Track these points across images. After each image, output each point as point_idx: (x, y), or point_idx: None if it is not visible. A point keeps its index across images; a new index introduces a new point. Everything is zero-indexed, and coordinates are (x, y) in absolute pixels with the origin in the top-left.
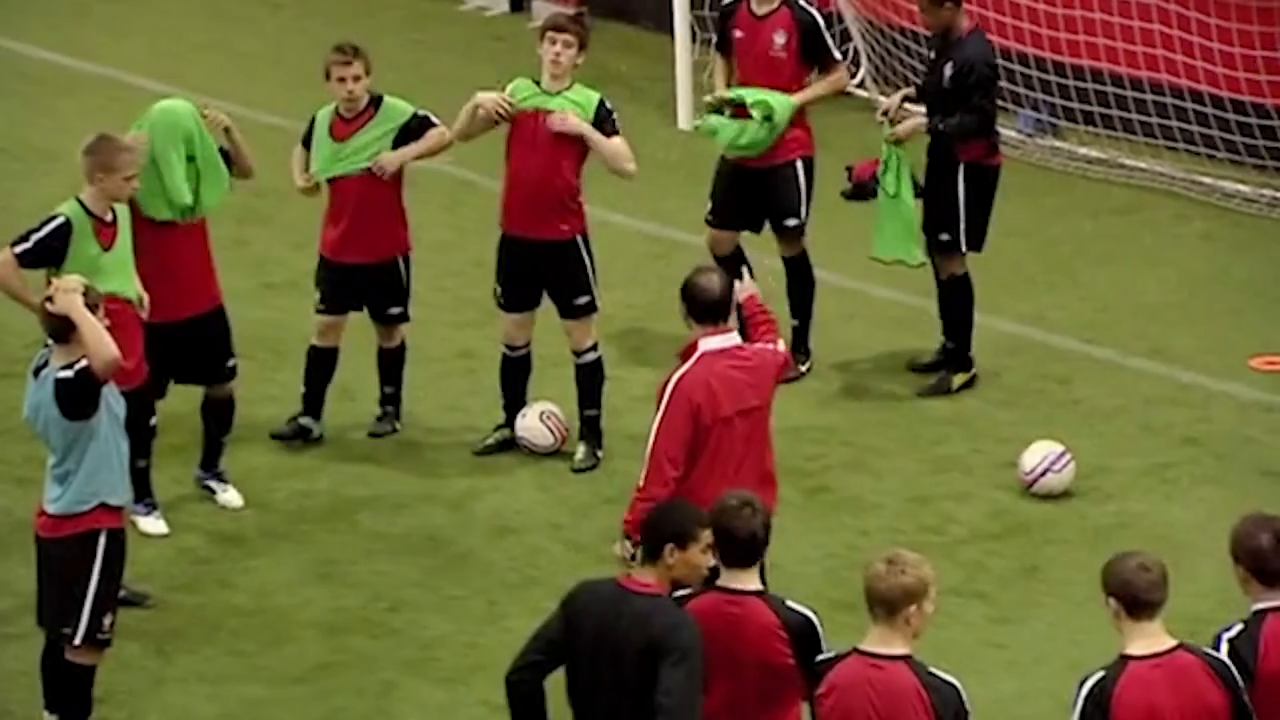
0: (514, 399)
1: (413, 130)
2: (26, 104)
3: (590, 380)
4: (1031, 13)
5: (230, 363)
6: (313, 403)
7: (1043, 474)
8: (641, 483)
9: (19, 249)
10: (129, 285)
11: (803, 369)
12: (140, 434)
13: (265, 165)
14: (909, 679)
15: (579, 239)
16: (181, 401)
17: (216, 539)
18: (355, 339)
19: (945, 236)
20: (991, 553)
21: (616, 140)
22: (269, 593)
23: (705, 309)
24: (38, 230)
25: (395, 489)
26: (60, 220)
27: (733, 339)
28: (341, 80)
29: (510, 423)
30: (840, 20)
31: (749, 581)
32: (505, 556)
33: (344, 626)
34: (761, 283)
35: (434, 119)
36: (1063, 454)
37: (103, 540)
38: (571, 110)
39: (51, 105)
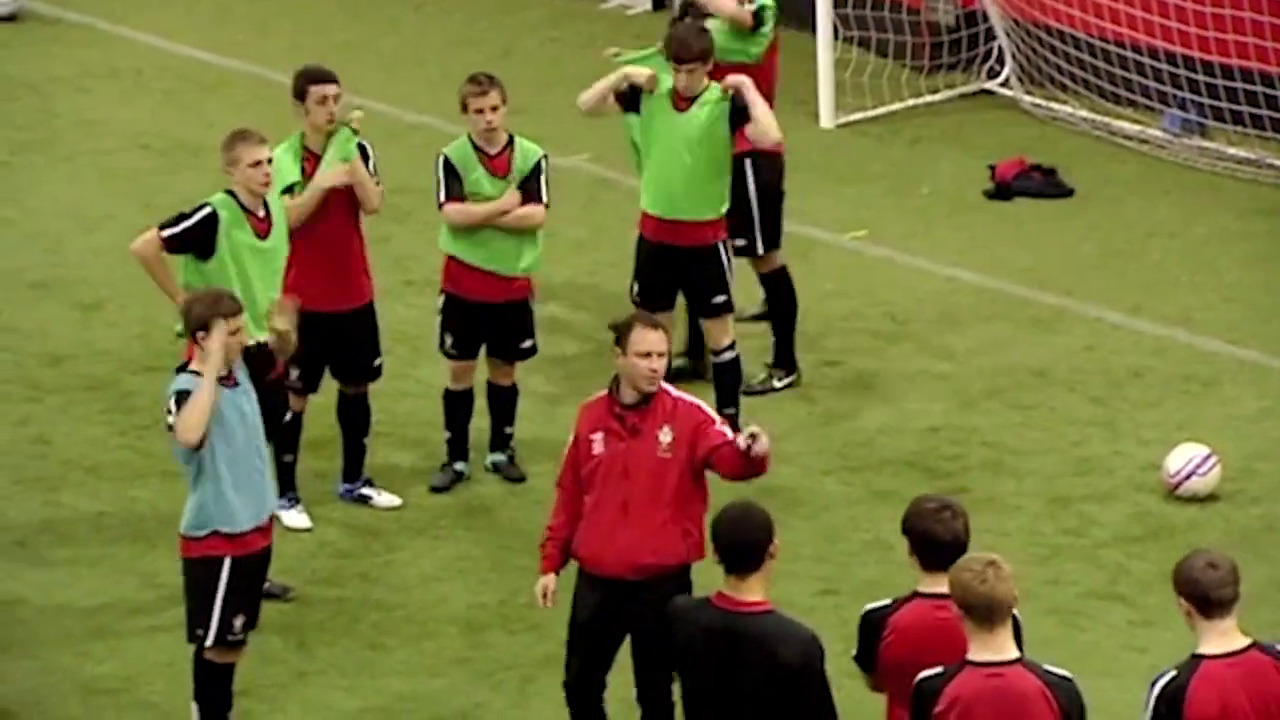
0: None
1: (530, 178)
2: (171, 100)
3: (728, 379)
4: (1180, 11)
5: (377, 361)
6: (458, 446)
7: (1187, 477)
8: None
9: (167, 233)
10: (277, 282)
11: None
12: (280, 427)
13: (405, 162)
14: (1032, 682)
15: (719, 243)
16: (320, 394)
17: (357, 533)
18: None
19: (741, 241)
20: (1134, 555)
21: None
22: (408, 588)
23: None
24: (187, 217)
25: (532, 485)
26: (207, 210)
27: None
28: (480, 111)
29: None
30: (985, 19)
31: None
32: None
33: (483, 622)
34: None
35: (544, 188)
36: (1208, 456)
37: (226, 566)
38: (708, 106)
39: (196, 101)
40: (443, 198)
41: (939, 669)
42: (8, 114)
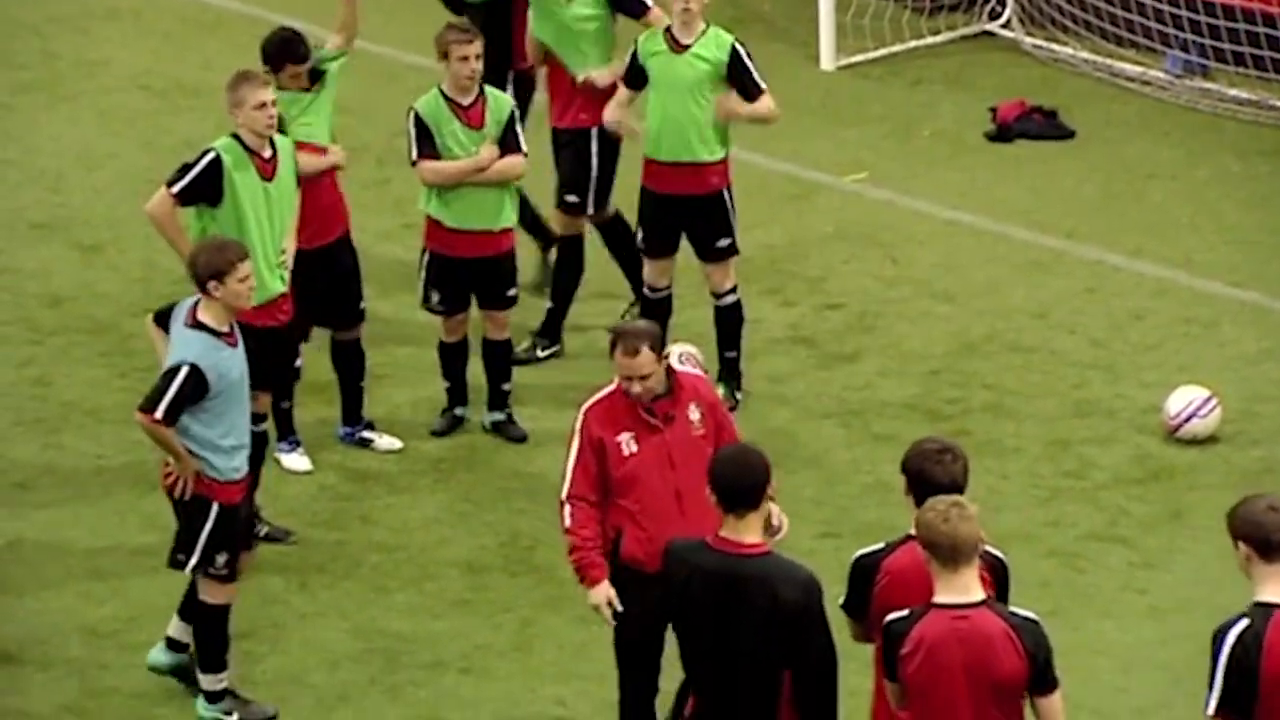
0: None
1: (506, 129)
2: (170, 41)
3: (729, 322)
4: None
5: (361, 304)
6: (458, 393)
7: (1188, 419)
8: None
9: (176, 188)
10: (289, 222)
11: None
12: (284, 375)
13: (404, 104)
14: (996, 623)
15: (724, 190)
16: (319, 336)
17: (358, 476)
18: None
19: (574, 199)
20: (1134, 498)
21: (759, 106)
22: (409, 530)
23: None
24: (192, 166)
25: (532, 427)
26: (211, 156)
27: None
28: (464, 59)
29: None
30: None
31: None
32: None
33: (483, 564)
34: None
35: (520, 136)
36: (1208, 399)
37: (214, 509)
38: (701, 60)
39: (197, 42)
40: (415, 155)
41: (905, 611)
42: (8, 54)
